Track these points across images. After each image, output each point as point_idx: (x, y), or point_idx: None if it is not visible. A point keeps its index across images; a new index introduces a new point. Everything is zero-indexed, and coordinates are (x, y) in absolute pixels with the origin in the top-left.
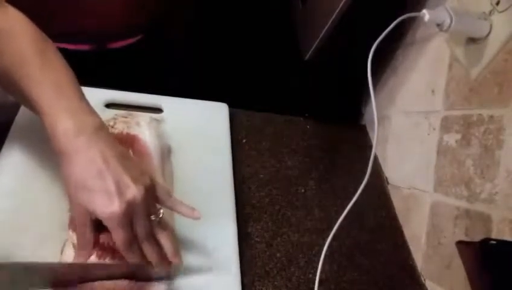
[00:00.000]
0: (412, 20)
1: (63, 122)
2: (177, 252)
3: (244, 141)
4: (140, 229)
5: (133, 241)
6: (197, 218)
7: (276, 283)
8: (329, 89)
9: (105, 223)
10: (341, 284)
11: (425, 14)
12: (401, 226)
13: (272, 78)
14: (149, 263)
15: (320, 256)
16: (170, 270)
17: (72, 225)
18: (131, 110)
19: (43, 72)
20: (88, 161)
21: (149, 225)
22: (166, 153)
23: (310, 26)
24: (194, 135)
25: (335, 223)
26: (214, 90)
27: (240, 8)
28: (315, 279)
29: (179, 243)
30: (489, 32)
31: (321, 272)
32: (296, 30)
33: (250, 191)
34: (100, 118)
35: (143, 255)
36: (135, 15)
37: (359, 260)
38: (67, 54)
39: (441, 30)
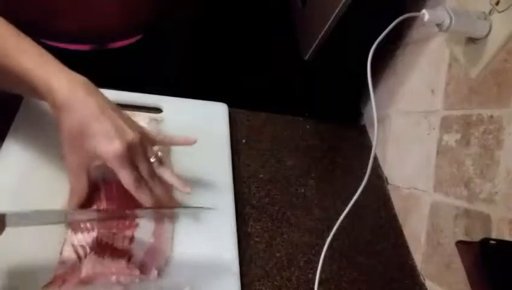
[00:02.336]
0: (412, 20)
1: (57, 79)
2: (184, 183)
3: (244, 141)
4: (143, 168)
5: (139, 180)
6: (193, 142)
7: (276, 283)
8: (329, 89)
9: (110, 164)
10: (341, 284)
11: (425, 14)
12: (401, 226)
13: (271, 78)
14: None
15: (320, 256)
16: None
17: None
18: (131, 110)
19: (23, 48)
20: (86, 110)
21: (150, 165)
22: (165, 153)
23: (310, 26)
24: (193, 135)
25: (335, 223)
26: (213, 90)
27: (240, 8)
28: (315, 279)
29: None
30: (488, 32)
31: (321, 272)
32: (296, 30)
33: (250, 191)
34: (85, 78)
35: (152, 194)
36: (135, 15)
37: (359, 260)
38: (67, 54)
39: (440, 30)
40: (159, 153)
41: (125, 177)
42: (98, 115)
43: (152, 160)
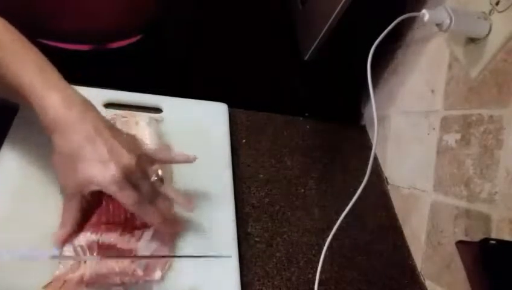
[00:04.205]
0: (412, 20)
1: (51, 97)
2: (189, 200)
3: (244, 141)
4: (144, 189)
5: (141, 201)
6: (193, 160)
7: (276, 283)
8: (329, 89)
9: (108, 191)
10: (341, 284)
11: (425, 14)
12: (401, 226)
13: (272, 78)
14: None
15: (320, 256)
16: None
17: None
18: (131, 110)
19: (22, 56)
20: (81, 132)
21: (151, 184)
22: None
23: (309, 26)
24: (193, 135)
25: (335, 223)
26: (213, 90)
27: (240, 8)
28: (315, 279)
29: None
30: (488, 32)
31: (321, 272)
32: (296, 30)
33: (250, 191)
34: (83, 96)
35: (156, 213)
36: (135, 15)
37: (359, 260)
38: (67, 54)
39: (440, 30)
40: (159, 172)
41: (126, 201)
42: (91, 137)
43: (153, 179)
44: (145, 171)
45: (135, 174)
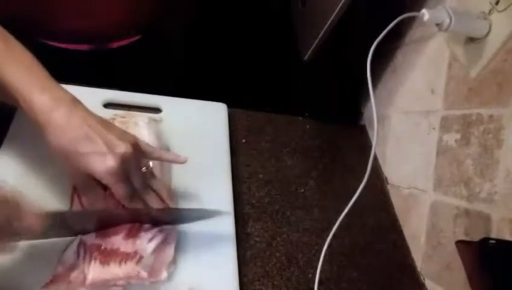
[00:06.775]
0: (412, 20)
1: (39, 97)
2: (171, 196)
3: (244, 141)
4: (136, 180)
5: (133, 193)
6: (183, 162)
7: (276, 282)
8: (329, 89)
9: (105, 181)
10: (341, 284)
11: (425, 13)
12: (400, 226)
13: (271, 78)
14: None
15: (320, 256)
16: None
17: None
18: (130, 110)
19: (10, 56)
20: (74, 128)
21: (143, 176)
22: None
23: (309, 26)
24: (192, 135)
25: (335, 223)
26: (213, 90)
27: (240, 8)
28: (315, 279)
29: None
30: (488, 32)
31: (321, 272)
32: (296, 30)
33: (249, 191)
34: (72, 94)
35: (145, 205)
36: (135, 15)
37: (359, 259)
38: (67, 54)
39: (440, 30)
40: (150, 164)
41: (119, 192)
42: (86, 133)
43: (144, 169)
44: (139, 161)
45: (130, 163)
